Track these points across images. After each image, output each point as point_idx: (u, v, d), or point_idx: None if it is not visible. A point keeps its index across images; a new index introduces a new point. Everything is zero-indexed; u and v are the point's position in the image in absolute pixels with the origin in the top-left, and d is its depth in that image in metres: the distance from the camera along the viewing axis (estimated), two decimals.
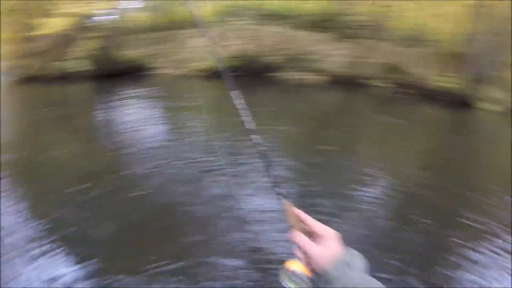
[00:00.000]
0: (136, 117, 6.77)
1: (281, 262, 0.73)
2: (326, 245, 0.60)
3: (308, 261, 0.61)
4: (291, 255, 0.65)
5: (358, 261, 0.59)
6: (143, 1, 15.64)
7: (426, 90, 11.36)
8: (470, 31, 11.96)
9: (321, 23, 12.14)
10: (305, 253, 0.61)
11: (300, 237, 0.62)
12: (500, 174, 6.47)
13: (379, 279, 0.54)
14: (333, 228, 0.63)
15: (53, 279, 2.68)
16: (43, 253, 2.96)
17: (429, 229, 3.89)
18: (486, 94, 12.23)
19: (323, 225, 0.64)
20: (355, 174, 5.07)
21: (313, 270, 0.60)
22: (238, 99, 0.94)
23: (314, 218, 0.63)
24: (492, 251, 3.58)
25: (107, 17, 14.14)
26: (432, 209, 4.37)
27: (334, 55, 11.06)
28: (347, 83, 10.84)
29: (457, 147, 7.77)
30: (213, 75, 11.18)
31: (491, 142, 9.33)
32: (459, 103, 11.72)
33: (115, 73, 12.08)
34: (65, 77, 11.66)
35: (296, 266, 0.68)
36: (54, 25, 11.61)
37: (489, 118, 12.05)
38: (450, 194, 4.90)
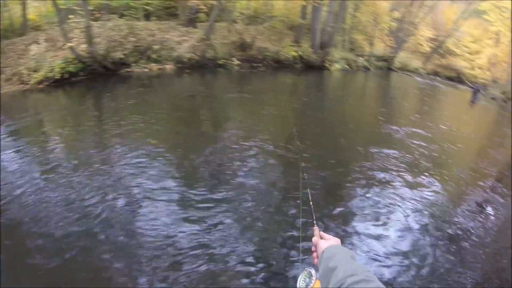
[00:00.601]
0: None
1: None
2: (329, 241, 0.94)
3: (316, 249, 0.93)
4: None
5: (348, 251, 0.86)
6: None
7: (279, 61, 12.39)
8: (309, 5, 13.34)
9: (167, 11, 11.93)
10: (316, 245, 0.95)
11: (316, 238, 0.98)
12: (358, 126, 7.47)
13: None
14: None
15: None
16: None
17: (320, 178, 4.17)
18: (331, 56, 14.08)
19: (332, 236, 0.98)
20: (232, 150, 4.94)
21: (318, 254, 0.91)
22: None
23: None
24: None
25: None
26: (317, 168, 4.55)
27: (185, 41, 11.02)
28: (202, 67, 10.99)
29: (316, 105, 8.61)
30: (57, 83, 9.88)
31: (341, 96, 10.73)
32: (310, 67, 13.20)
33: None
34: None
35: (311, 269, 0.92)
36: None
37: (336, 75, 13.96)
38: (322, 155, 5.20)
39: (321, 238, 0.98)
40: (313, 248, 0.98)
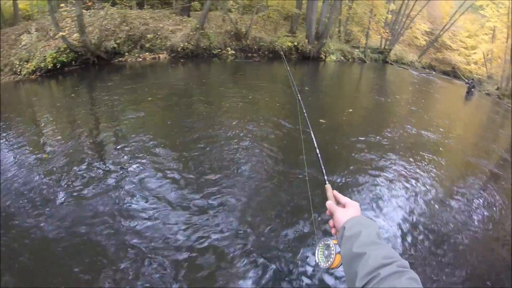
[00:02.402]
0: None
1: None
2: (347, 209, 0.82)
3: (334, 220, 0.82)
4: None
5: (373, 227, 0.73)
6: None
7: (274, 51, 12.29)
8: None
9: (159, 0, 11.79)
10: (332, 213, 0.84)
11: (331, 203, 0.87)
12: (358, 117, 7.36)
13: None
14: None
15: None
16: None
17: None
18: (326, 47, 14.01)
19: (348, 198, 0.85)
20: (235, 131, 4.99)
21: (336, 228, 0.80)
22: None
23: None
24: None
25: None
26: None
27: (179, 30, 10.90)
28: (196, 57, 10.89)
29: (310, 95, 8.52)
30: (50, 73, 9.75)
31: (336, 88, 10.67)
32: (305, 58, 13.13)
33: None
34: None
35: (327, 240, 0.82)
36: None
37: (332, 67, 13.91)
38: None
39: (336, 200, 0.88)
40: (327, 213, 0.87)
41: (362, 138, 5.50)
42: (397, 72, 16.99)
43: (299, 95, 1.71)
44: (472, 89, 15.03)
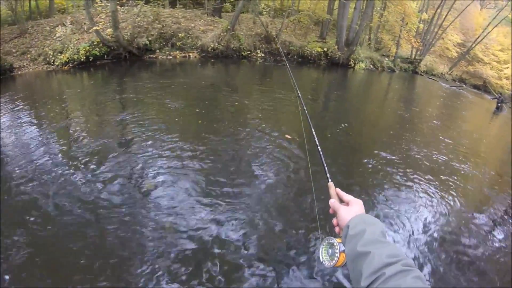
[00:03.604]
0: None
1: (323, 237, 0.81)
2: (351, 207, 0.81)
3: (338, 219, 0.82)
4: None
5: (378, 226, 0.72)
6: None
7: (303, 56, 12.09)
8: (336, 0, 12.95)
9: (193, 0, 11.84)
10: (336, 211, 0.83)
11: (334, 201, 0.85)
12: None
13: None
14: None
15: None
16: None
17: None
18: (356, 55, 13.65)
19: (352, 196, 0.85)
20: (247, 137, 5.01)
21: (340, 226, 0.81)
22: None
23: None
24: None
25: None
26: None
27: (210, 30, 10.89)
28: (226, 57, 10.85)
29: (337, 103, 8.40)
30: (82, 65, 9.96)
31: (363, 97, 10.35)
32: (334, 64, 12.84)
33: None
34: None
35: (331, 239, 0.79)
36: None
37: (361, 75, 13.52)
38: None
39: (340, 199, 0.85)
40: (331, 211, 0.85)
41: (368, 155, 5.11)
42: (426, 84, 16.36)
43: (299, 93, 1.78)
44: (499, 104, 14.32)
